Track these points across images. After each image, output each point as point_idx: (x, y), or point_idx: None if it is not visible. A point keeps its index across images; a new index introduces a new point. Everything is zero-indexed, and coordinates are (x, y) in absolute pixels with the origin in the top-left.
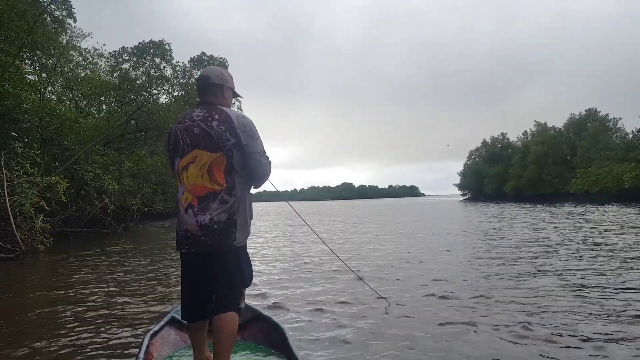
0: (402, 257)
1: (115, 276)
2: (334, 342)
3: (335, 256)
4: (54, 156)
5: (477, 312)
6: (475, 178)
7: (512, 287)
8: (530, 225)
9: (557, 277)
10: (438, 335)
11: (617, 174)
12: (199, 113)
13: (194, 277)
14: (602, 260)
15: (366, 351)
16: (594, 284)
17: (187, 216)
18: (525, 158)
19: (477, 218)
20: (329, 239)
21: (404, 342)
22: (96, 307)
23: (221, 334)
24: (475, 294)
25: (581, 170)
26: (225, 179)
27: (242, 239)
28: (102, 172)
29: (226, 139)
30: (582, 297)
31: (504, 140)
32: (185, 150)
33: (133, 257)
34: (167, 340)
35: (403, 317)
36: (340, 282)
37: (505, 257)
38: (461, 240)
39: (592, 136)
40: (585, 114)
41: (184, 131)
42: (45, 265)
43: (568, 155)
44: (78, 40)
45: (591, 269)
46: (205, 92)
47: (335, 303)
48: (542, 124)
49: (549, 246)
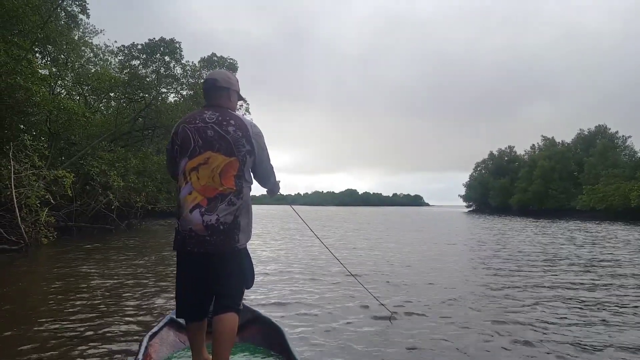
0: (406, 264)
1: (115, 273)
2: (333, 344)
3: (337, 260)
4: (60, 150)
5: (481, 320)
6: (481, 190)
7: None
8: (533, 239)
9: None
10: (436, 341)
11: (624, 192)
12: (211, 115)
13: (194, 277)
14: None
15: (366, 353)
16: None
17: (192, 216)
18: (532, 172)
19: (488, 231)
20: (333, 243)
21: (402, 346)
22: (95, 305)
23: (221, 335)
24: (482, 303)
25: (587, 187)
26: (235, 182)
27: (244, 241)
28: (107, 168)
29: (242, 145)
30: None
31: (511, 154)
32: (196, 151)
33: (134, 255)
34: (166, 342)
35: (402, 320)
36: (341, 285)
37: (516, 269)
38: (468, 250)
39: (600, 153)
40: (595, 130)
41: (196, 132)
42: (47, 258)
43: (575, 171)
44: (90, 37)
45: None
46: (212, 94)
47: (335, 306)
48: (549, 139)
49: (550, 260)
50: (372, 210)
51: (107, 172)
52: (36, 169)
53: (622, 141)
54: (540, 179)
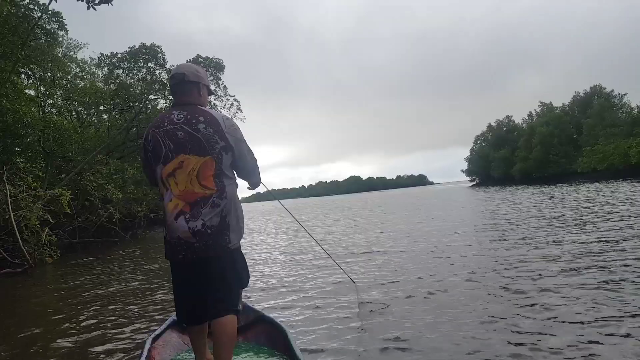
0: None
1: (119, 281)
2: (336, 343)
3: (330, 257)
4: (59, 168)
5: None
6: (483, 163)
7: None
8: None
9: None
10: (437, 337)
11: (624, 150)
12: (179, 115)
13: (189, 284)
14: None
15: (366, 352)
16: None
17: (177, 224)
18: (531, 140)
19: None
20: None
21: (400, 343)
22: (99, 311)
23: (221, 338)
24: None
25: (587, 148)
26: (215, 182)
27: (236, 241)
28: (105, 181)
29: (215, 142)
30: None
31: (510, 123)
32: (169, 157)
33: (138, 263)
34: (169, 343)
35: (400, 320)
36: (340, 285)
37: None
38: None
39: (597, 113)
40: (590, 91)
41: (165, 135)
42: (52, 277)
43: (574, 134)
44: (74, 51)
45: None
46: (181, 91)
47: (335, 305)
48: (547, 104)
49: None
50: (378, 195)
51: (105, 185)
52: (32, 190)
53: (618, 99)
54: (540, 145)
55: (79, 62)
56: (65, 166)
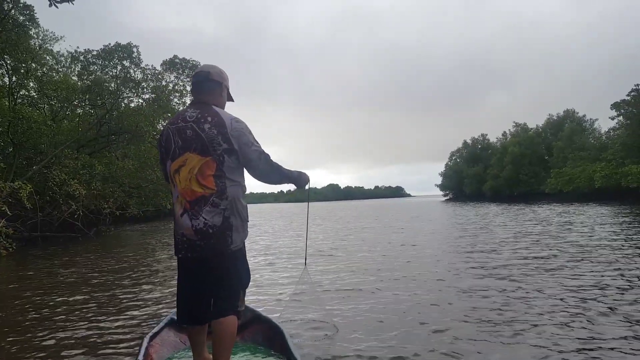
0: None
1: (85, 277)
2: (334, 343)
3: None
4: (29, 160)
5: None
6: (456, 178)
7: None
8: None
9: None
10: (432, 338)
11: (589, 174)
12: (192, 113)
13: (191, 282)
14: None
15: (364, 350)
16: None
17: (182, 220)
18: (503, 158)
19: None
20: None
21: (400, 343)
22: (90, 307)
23: (220, 338)
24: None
25: (555, 170)
26: (216, 183)
27: (239, 242)
28: (67, 177)
29: (218, 144)
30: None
31: (484, 141)
32: (176, 153)
33: (100, 260)
34: (166, 342)
35: (398, 319)
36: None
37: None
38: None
39: (567, 137)
40: (563, 114)
41: (176, 132)
42: (5, 269)
43: (545, 156)
44: (51, 44)
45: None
46: (203, 89)
47: (336, 305)
48: (521, 125)
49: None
50: (356, 204)
51: (68, 181)
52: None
53: (589, 124)
54: (511, 164)
55: (55, 55)
56: (36, 159)
